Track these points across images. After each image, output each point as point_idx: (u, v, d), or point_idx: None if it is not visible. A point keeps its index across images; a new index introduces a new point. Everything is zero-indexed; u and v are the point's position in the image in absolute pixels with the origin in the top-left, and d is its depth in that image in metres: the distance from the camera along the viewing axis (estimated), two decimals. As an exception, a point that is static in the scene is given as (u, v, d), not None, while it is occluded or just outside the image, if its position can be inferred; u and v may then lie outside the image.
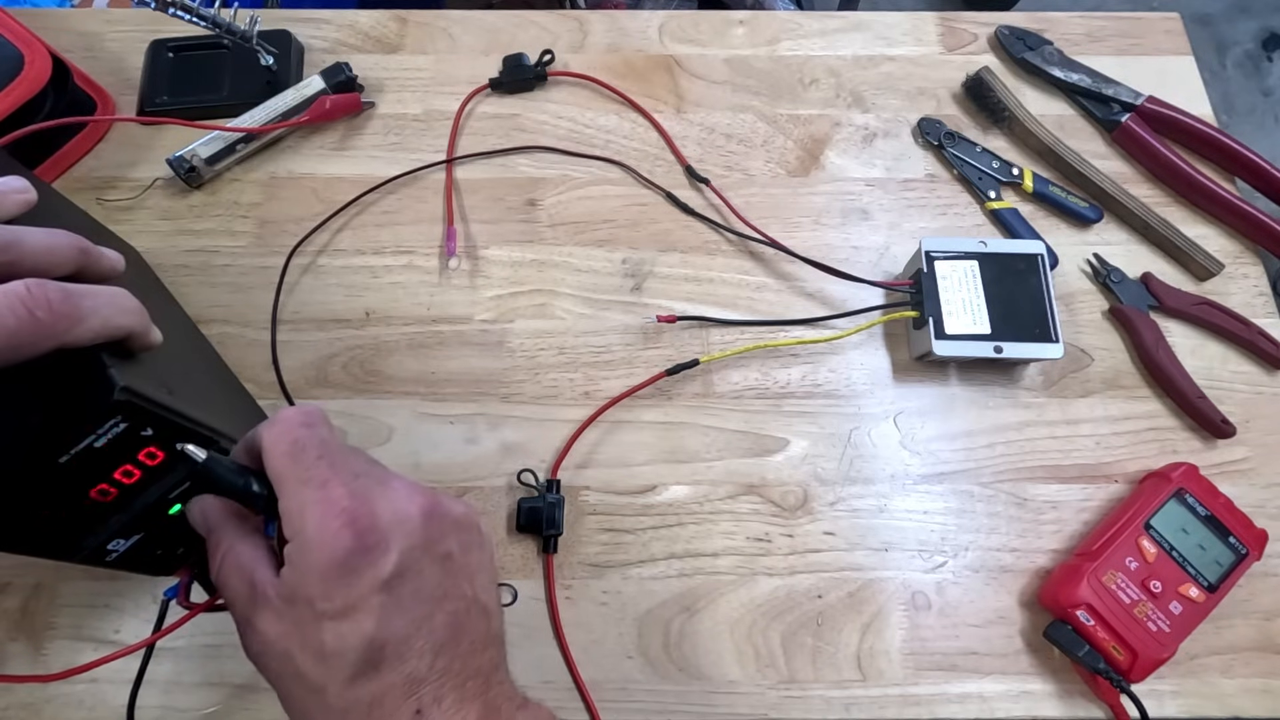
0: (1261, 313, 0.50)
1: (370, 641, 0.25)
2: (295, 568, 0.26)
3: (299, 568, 0.26)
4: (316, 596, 0.25)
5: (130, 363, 0.27)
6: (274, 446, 0.27)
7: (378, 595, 0.25)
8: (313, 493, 0.26)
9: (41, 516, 0.26)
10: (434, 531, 0.28)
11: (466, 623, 0.27)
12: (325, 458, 0.27)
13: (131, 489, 0.28)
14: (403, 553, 0.26)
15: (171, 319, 0.45)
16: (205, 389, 0.38)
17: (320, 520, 0.26)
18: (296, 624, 0.26)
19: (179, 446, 0.28)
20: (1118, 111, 0.55)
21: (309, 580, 0.25)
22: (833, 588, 0.43)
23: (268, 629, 0.26)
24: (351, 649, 0.25)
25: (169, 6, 0.47)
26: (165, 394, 0.28)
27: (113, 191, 0.52)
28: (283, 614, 0.26)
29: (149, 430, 0.26)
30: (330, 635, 0.25)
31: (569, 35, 0.59)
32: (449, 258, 0.50)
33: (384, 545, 0.26)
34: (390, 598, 0.26)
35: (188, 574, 0.32)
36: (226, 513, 0.29)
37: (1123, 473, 0.46)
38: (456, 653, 0.27)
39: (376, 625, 0.25)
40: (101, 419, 0.25)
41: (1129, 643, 0.39)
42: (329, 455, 0.27)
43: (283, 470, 0.27)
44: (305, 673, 0.25)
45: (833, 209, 0.53)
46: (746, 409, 0.47)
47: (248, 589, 0.27)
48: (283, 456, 0.27)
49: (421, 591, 0.27)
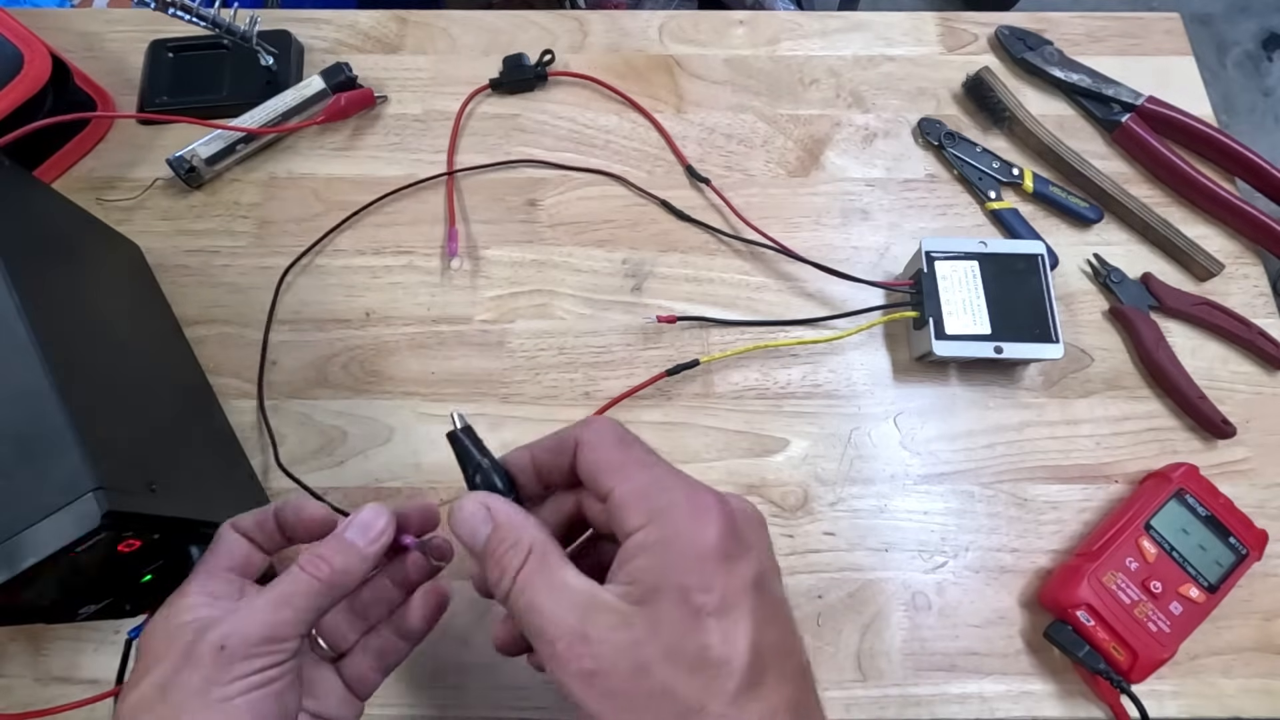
0: (1262, 313, 0.50)
1: (754, 647, 0.21)
2: (654, 554, 0.22)
3: (662, 554, 0.21)
4: (694, 587, 0.21)
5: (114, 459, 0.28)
6: (599, 438, 0.25)
7: (751, 595, 0.21)
8: (668, 475, 0.23)
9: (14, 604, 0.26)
10: (769, 539, 0.25)
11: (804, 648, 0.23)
12: (655, 453, 0.25)
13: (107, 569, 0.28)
14: (762, 550, 0.23)
15: (162, 341, 0.45)
16: (190, 459, 0.38)
17: (690, 495, 0.23)
18: (658, 627, 0.21)
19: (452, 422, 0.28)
20: (1118, 111, 0.55)
21: (682, 567, 0.21)
22: (833, 588, 0.43)
23: (611, 639, 0.21)
24: (739, 654, 0.20)
25: (169, 6, 0.47)
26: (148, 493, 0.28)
27: (113, 191, 0.52)
28: (634, 619, 0.21)
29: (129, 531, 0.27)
30: (716, 635, 0.20)
31: (569, 35, 0.59)
32: (451, 258, 0.50)
33: (746, 538, 0.23)
34: (761, 600, 0.22)
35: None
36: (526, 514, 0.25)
37: (1123, 473, 0.46)
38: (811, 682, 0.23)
39: (756, 629, 0.21)
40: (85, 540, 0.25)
41: (1129, 643, 0.39)
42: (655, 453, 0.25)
43: (614, 458, 0.24)
44: (673, 688, 0.20)
45: (833, 209, 0.53)
46: (746, 409, 0.47)
47: (570, 595, 0.22)
48: (612, 447, 0.25)
49: (778, 601, 0.23)
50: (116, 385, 0.34)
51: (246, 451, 0.45)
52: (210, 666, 0.24)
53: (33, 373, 0.28)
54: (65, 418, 0.27)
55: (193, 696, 0.23)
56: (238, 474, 0.43)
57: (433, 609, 0.30)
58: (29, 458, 0.26)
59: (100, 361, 0.34)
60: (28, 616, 0.28)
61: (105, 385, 0.33)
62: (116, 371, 0.35)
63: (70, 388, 0.28)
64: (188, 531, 0.29)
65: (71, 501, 0.25)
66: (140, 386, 0.37)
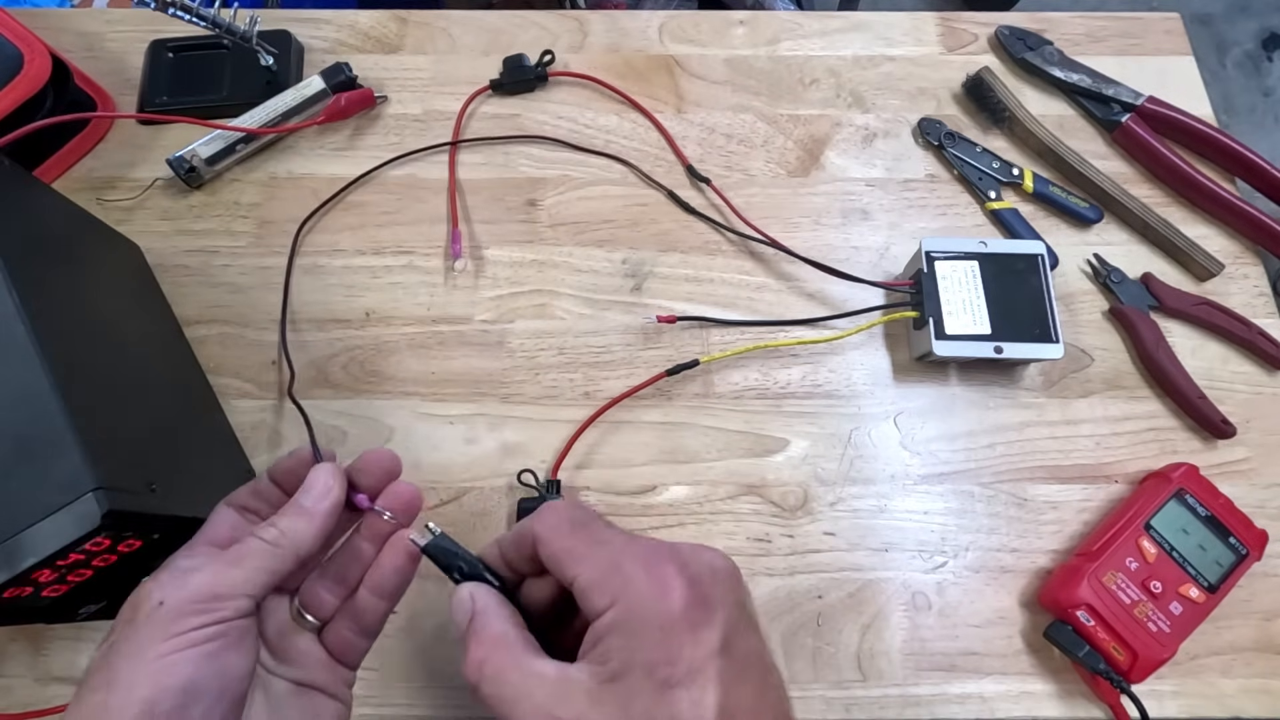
0: (1262, 313, 0.50)
1: (721, 710, 0.21)
2: (620, 634, 0.22)
3: (627, 633, 0.22)
4: (660, 661, 0.22)
5: (114, 459, 0.28)
6: (553, 531, 0.25)
7: (717, 659, 0.22)
8: (623, 549, 0.24)
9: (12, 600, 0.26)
10: (745, 592, 0.25)
11: (784, 694, 0.24)
12: (611, 527, 0.26)
13: (107, 570, 0.28)
14: (729, 611, 0.23)
15: (162, 341, 0.45)
16: (190, 459, 0.38)
17: (647, 570, 0.23)
18: (629, 703, 0.21)
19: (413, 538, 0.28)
20: (1118, 111, 0.55)
21: (645, 645, 0.22)
22: (833, 588, 0.43)
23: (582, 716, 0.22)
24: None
25: (169, 6, 0.47)
26: (148, 493, 0.28)
27: (113, 191, 0.52)
28: (604, 697, 0.22)
29: (128, 531, 0.27)
30: (684, 705, 0.21)
31: (569, 35, 0.59)
32: (455, 259, 0.50)
33: (710, 601, 0.23)
34: (729, 662, 0.22)
35: None
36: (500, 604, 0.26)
37: (1123, 473, 0.46)
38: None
39: (722, 692, 0.22)
40: (84, 540, 0.25)
41: (1129, 643, 0.39)
42: (611, 524, 0.26)
43: (570, 545, 0.25)
44: None
45: (833, 209, 0.53)
46: (746, 409, 0.47)
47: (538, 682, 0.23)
48: (567, 535, 0.25)
49: (750, 657, 0.23)
50: (116, 385, 0.34)
51: (246, 451, 0.45)
52: (148, 625, 0.23)
53: (33, 373, 0.28)
54: (65, 418, 0.27)
55: (130, 658, 0.23)
56: (238, 474, 0.43)
57: (401, 560, 0.29)
58: (29, 458, 0.26)
59: (100, 361, 0.34)
60: (28, 616, 0.28)
61: (105, 385, 0.33)
62: (116, 371, 0.35)
63: (70, 388, 0.28)
64: (188, 531, 0.29)
65: (71, 501, 0.25)
66: (140, 386, 0.37)
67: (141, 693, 0.22)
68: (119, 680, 0.22)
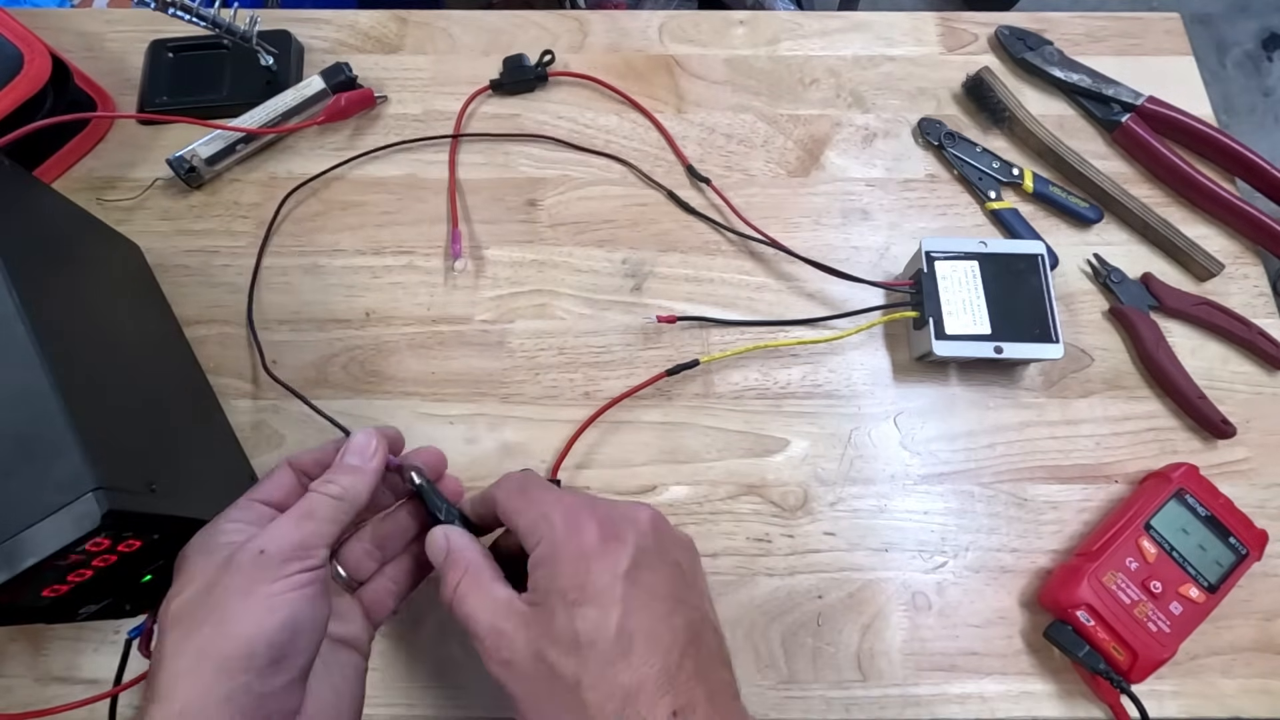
0: (1262, 313, 0.50)
1: (620, 628, 0.26)
2: (544, 566, 0.28)
3: (549, 565, 0.27)
4: (569, 587, 0.27)
5: (114, 459, 0.28)
6: (505, 492, 0.32)
7: (620, 585, 0.27)
8: (553, 503, 0.30)
9: (12, 600, 0.26)
10: (664, 539, 0.30)
11: (704, 633, 0.28)
12: (551, 489, 0.32)
13: (107, 570, 0.28)
14: (638, 548, 0.28)
15: (162, 341, 0.45)
16: (190, 459, 0.38)
17: (566, 516, 0.28)
18: (548, 622, 0.26)
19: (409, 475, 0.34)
20: (1118, 111, 0.55)
21: (560, 573, 0.27)
22: (833, 588, 0.43)
23: (518, 634, 0.27)
24: (604, 636, 0.26)
25: (169, 6, 0.47)
26: (148, 493, 0.29)
27: (113, 191, 0.52)
28: (531, 619, 0.27)
29: (128, 531, 0.27)
30: (583, 622, 0.26)
31: (569, 35, 0.59)
32: (455, 260, 0.50)
33: (621, 537, 0.28)
34: (633, 589, 0.27)
35: (153, 620, 0.32)
36: (471, 541, 0.31)
37: (1123, 473, 0.46)
38: (699, 659, 0.27)
39: (623, 613, 0.26)
40: (84, 540, 0.25)
41: (1129, 643, 0.39)
42: (553, 487, 0.32)
43: (518, 502, 0.31)
44: (558, 668, 0.26)
45: (833, 209, 0.53)
46: (746, 409, 0.47)
47: (491, 602, 0.28)
48: (515, 495, 0.31)
49: (658, 589, 0.28)
50: (116, 385, 0.34)
51: (247, 451, 0.45)
52: (251, 568, 0.26)
53: (33, 373, 0.28)
54: (65, 418, 0.27)
55: (236, 594, 0.26)
56: (238, 474, 0.43)
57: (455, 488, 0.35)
58: (29, 458, 0.26)
59: (100, 361, 0.34)
60: (28, 616, 0.28)
61: (105, 385, 0.33)
62: (116, 371, 0.35)
63: (70, 388, 0.28)
64: (188, 531, 0.29)
65: (71, 501, 0.25)
66: (140, 387, 0.37)
67: (252, 627, 0.25)
68: (230, 614, 0.25)
